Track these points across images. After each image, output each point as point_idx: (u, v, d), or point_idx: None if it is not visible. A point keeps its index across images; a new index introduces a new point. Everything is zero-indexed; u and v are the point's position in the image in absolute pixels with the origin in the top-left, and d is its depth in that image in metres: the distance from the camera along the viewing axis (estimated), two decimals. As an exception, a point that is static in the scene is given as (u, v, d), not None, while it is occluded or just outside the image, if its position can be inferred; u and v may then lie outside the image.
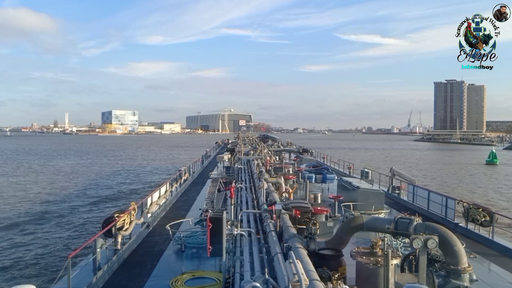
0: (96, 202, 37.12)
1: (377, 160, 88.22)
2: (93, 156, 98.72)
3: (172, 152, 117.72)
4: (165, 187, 22.25)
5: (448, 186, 50.93)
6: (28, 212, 31.77)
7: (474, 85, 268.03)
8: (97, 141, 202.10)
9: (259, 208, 14.67)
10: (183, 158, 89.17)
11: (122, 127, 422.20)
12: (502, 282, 11.14)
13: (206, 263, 11.98)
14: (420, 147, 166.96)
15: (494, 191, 47.48)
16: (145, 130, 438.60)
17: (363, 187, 20.91)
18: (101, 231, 12.35)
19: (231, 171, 32.55)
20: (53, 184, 48.95)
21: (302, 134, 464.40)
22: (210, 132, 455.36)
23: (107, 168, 68.24)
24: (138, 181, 52.10)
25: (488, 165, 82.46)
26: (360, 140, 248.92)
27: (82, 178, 54.71)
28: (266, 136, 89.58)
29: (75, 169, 66.30)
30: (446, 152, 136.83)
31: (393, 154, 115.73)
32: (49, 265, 19.82)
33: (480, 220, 15.71)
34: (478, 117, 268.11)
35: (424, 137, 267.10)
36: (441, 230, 8.12)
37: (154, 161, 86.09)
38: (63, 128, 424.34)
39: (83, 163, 78.16)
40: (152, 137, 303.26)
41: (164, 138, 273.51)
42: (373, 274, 8.02)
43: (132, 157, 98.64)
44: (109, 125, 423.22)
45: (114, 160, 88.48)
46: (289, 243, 8.75)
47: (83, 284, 10.13)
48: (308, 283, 5.71)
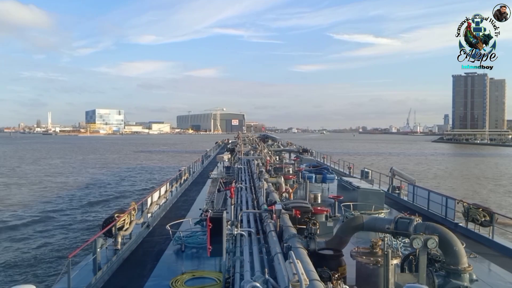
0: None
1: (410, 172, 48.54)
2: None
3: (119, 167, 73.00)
4: (165, 187, 22.26)
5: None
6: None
7: (494, 79, 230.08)
8: (57, 145, 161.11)
9: (259, 208, 14.67)
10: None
11: (107, 127, 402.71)
12: (502, 282, 11.13)
13: (206, 263, 11.98)
14: (445, 151, 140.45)
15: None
16: (131, 130, 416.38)
17: (363, 187, 20.90)
18: (101, 231, 12.35)
19: (231, 171, 32.56)
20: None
21: (297, 134, 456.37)
22: (201, 132, 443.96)
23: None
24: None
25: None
26: (363, 141, 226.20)
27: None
28: (266, 136, 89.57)
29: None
30: (489, 159, 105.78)
31: (418, 161, 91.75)
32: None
33: (480, 220, 15.71)
34: (498, 114, 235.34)
35: (444, 137, 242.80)
36: (441, 230, 8.12)
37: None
38: (46, 128, 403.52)
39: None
40: (136, 138, 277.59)
41: (149, 139, 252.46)
42: (373, 274, 8.02)
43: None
44: (91, 124, 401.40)
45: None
46: (289, 243, 8.74)
47: (83, 284, 10.13)
48: (308, 283, 5.71)
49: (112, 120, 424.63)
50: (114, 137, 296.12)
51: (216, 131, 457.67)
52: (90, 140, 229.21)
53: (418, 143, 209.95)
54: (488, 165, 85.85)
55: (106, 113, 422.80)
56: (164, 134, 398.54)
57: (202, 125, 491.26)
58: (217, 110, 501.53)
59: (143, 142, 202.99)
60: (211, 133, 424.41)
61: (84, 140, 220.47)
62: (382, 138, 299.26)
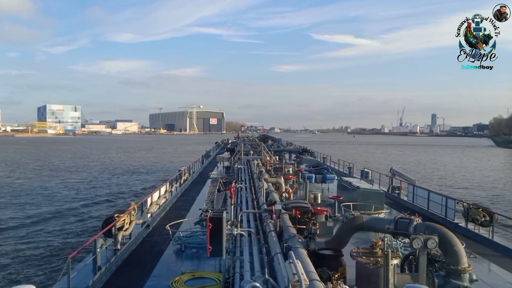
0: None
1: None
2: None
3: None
4: (165, 187, 22.28)
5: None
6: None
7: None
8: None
9: (259, 208, 14.68)
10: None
11: (60, 125, 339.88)
12: (502, 282, 11.13)
13: (206, 263, 11.98)
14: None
15: None
16: (89, 130, 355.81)
17: (363, 187, 20.93)
18: (101, 231, 12.34)
19: (231, 171, 32.56)
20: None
21: (280, 134, 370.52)
22: (174, 132, 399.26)
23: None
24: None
25: None
26: (367, 145, 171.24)
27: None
28: (266, 136, 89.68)
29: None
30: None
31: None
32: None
33: (480, 220, 15.72)
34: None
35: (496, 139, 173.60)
36: (441, 230, 8.12)
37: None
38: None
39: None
40: (87, 140, 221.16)
41: (102, 142, 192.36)
42: (373, 274, 8.02)
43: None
44: (39, 123, 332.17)
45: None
46: (289, 243, 8.74)
47: (83, 284, 10.13)
48: (308, 283, 5.71)
49: (67, 118, 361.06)
50: (57, 139, 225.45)
51: (192, 131, 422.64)
52: (15, 144, 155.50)
53: (474, 149, 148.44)
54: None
55: (59, 109, 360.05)
56: (129, 135, 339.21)
57: (177, 124, 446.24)
58: (193, 107, 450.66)
59: (89, 145, 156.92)
60: (187, 133, 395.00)
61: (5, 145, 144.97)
62: (390, 141, 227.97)
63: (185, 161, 64.66)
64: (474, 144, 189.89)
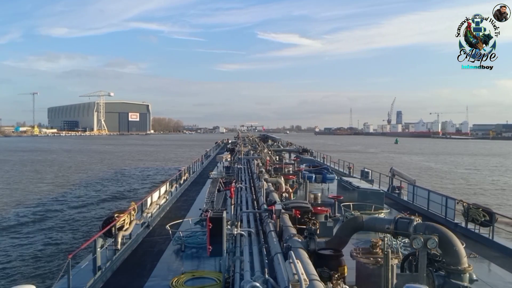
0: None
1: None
2: None
3: None
4: (165, 187, 22.28)
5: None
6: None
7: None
8: None
9: (259, 208, 14.67)
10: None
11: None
12: (502, 282, 11.13)
13: (206, 263, 11.98)
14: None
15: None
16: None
17: (363, 187, 20.94)
18: (101, 231, 12.33)
19: (231, 171, 32.55)
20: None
21: (226, 134, 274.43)
22: (72, 133, 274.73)
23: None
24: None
25: None
26: (383, 153, 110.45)
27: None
28: (266, 136, 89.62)
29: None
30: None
31: None
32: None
33: (480, 220, 15.71)
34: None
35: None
36: (441, 230, 8.12)
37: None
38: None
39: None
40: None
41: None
42: (373, 274, 8.02)
43: None
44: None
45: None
46: (289, 243, 8.75)
47: (83, 284, 10.13)
48: (308, 283, 5.71)
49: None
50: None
51: (100, 131, 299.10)
52: None
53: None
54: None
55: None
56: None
57: (81, 120, 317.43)
58: (100, 95, 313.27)
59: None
60: (93, 134, 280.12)
61: None
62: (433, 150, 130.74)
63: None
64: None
